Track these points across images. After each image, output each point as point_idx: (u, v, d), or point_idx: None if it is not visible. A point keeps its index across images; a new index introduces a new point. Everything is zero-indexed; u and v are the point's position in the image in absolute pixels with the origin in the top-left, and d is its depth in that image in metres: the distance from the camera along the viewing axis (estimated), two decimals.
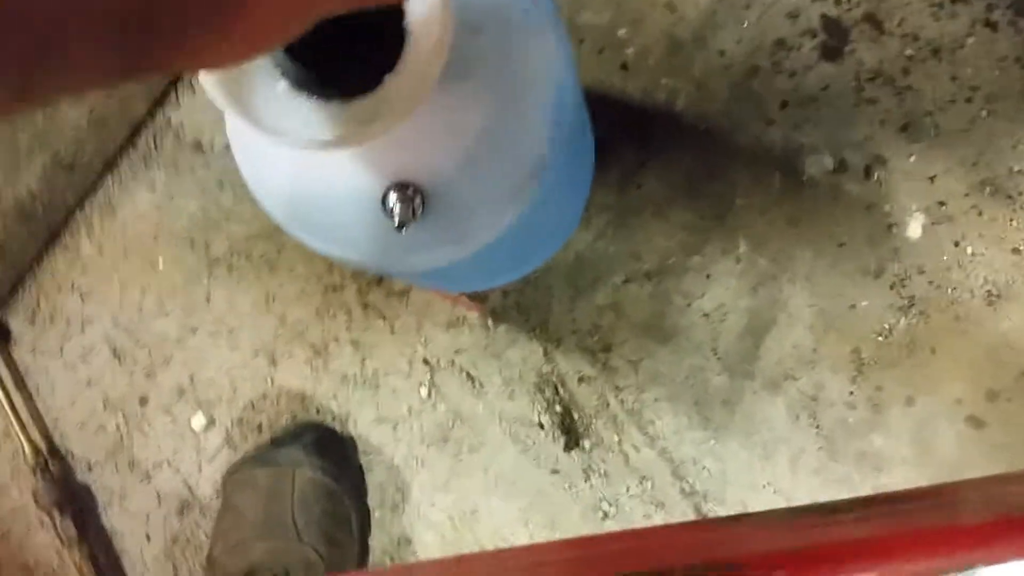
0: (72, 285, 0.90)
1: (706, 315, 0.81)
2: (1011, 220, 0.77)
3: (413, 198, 0.46)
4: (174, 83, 0.90)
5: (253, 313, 0.88)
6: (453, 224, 0.49)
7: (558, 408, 0.83)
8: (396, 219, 0.45)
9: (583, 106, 0.65)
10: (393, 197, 0.46)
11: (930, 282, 0.77)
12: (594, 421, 0.83)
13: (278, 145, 0.38)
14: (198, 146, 0.89)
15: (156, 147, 0.89)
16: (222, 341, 0.88)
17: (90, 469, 0.88)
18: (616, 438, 0.82)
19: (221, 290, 0.88)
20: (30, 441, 0.87)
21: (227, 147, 0.88)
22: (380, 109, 0.38)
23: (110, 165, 0.90)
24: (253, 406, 0.87)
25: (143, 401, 0.88)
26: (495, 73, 0.47)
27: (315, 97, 0.38)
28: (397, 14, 0.37)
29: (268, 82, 0.38)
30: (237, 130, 0.52)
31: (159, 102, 0.90)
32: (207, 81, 0.37)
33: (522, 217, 0.52)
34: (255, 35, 0.26)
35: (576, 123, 0.59)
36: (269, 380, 0.87)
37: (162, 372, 0.88)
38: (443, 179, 0.48)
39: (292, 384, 0.87)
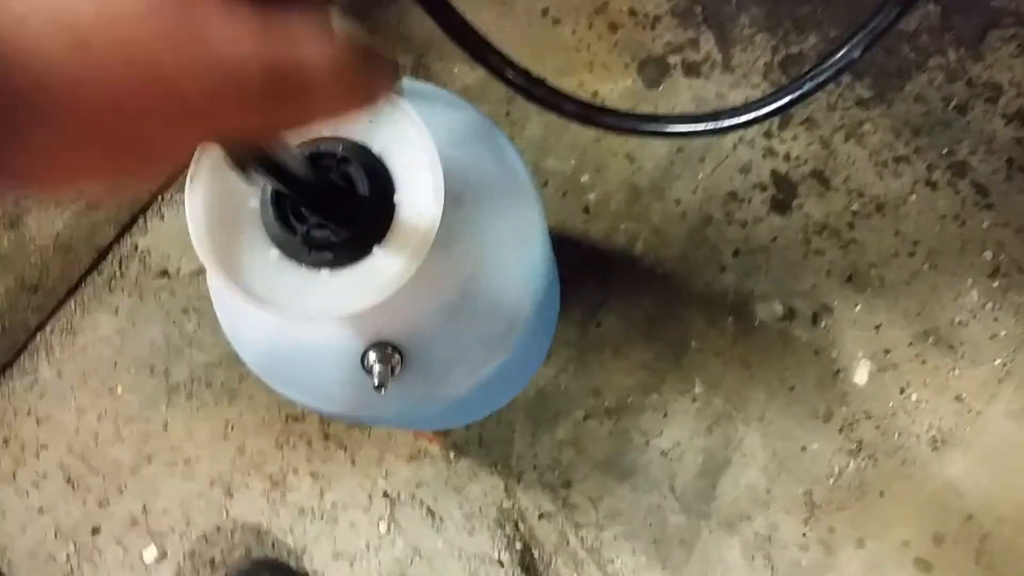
0: (29, 409, 0.92)
1: (664, 453, 0.86)
2: (953, 369, 0.83)
3: (391, 357, 0.48)
4: (143, 209, 0.94)
5: (211, 442, 0.90)
6: (431, 379, 0.52)
7: (518, 545, 0.86)
8: (375, 379, 0.47)
9: (553, 262, 0.71)
10: (373, 356, 0.48)
11: (877, 427, 0.83)
12: (554, 559, 0.86)
13: (269, 314, 0.39)
14: (164, 272, 0.93)
15: (121, 272, 0.93)
16: (178, 470, 0.91)
17: None
18: None
19: (179, 418, 0.91)
20: None
21: (193, 274, 0.93)
22: (368, 281, 0.39)
23: (74, 289, 0.94)
24: (207, 539, 0.89)
25: (95, 531, 0.90)
26: (476, 242, 0.50)
27: (305, 266, 0.40)
28: (387, 184, 0.39)
29: (258, 249, 0.40)
30: (220, 286, 0.53)
31: (127, 228, 0.94)
32: (199, 245, 0.38)
33: (497, 368, 0.55)
34: (102, 155, 0.19)
35: (548, 281, 0.64)
36: (224, 512, 0.89)
37: (115, 501, 0.90)
38: (422, 338, 0.50)
39: (248, 516, 0.89)
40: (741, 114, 0.47)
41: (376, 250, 0.39)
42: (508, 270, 0.52)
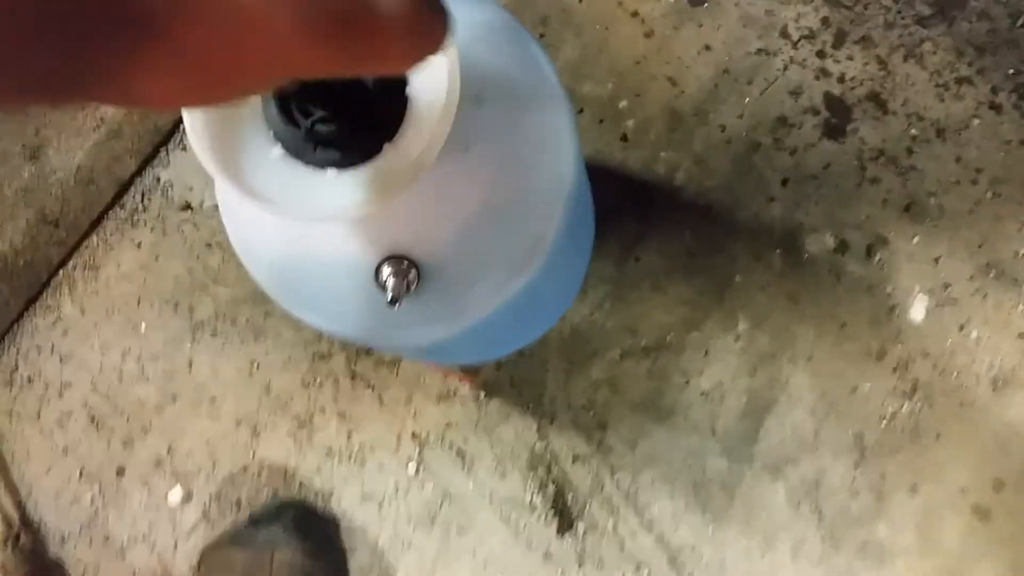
0: (52, 347, 0.96)
1: (704, 394, 0.87)
2: (1017, 305, 0.82)
3: (407, 272, 0.47)
4: (164, 140, 0.97)
5: (236, 381, 0.93)
6: (449, 299, 0.51)
7: (551, 488, 0.88)
8: (389, 293, 0.46)
9: (585, 178, 0.71)
10: (387, 270, 0.47)
11: (934, 366, 0.83)
12: (589, 503, 0.87)
13: (270, 214, 0.39)
14: (187, 206, 0.96)
15: (144, 206, 0.96)
16: (203, 410, 0.94)
17: (63, 542, 0.92)
18: (611, 522, 0.87)
19: (204, 356, 0.94)
20: (2, 511, 0.92)
21: (216, 207, 0.95)
22: (378, 181, 0.38)
23: (96, 223, 0.97)
24: (233, 480, 0.92)
25: (120, 472, 0.93)
26: (497, 146, 0.49)
27: (310, 165, 0.39)
28: (399, 80, 0.38)
29: (261, 147, 0.39)
30: (226, 194, 0.53)
31: (148, 160, 0.96)
32: (197, 144, 0.37)
33: (521, 292, 0.54)
34: (205, 75, 0.24)
35: (579, 196, 0.63)
36: (250, 452, 0.92)
37: (140, 441, 0.94)
38: (439, 253, 0.49)
39: (274, 457, 0.92)
40: None
41: (386, 147, 0.38)
42: (534, 179, 0.51)
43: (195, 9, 0.22)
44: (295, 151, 0.39)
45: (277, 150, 0.39)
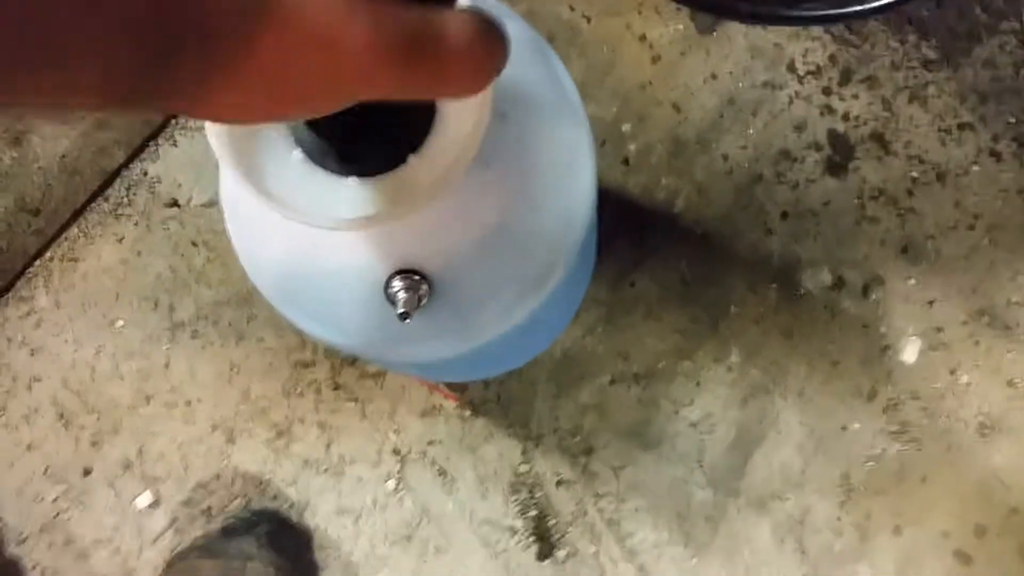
0: (23, 339, 0.94)
1: (693, 424, 0.88)
2: (1008, 352, 0.85)
3: (419, 287, 0.47)
4: (155, 134, 0.97)
5: (214, 384, 0.93)
6: (459, 318, 0.51)
7: (533, 511, 0.89)
8: (400, 308, 0.45)
9: (596, 201, 0.72)
10: (398, 284, 0.46)
11: (923, 409, 0.85)
12: (570, 528, 0.88)
13: (286, 219, 0.38)
14: (174, 202, 0.95)
15: (129, 200, 0.95)
16: (177, 413, 0.93)
17: (22, 542, 0.91)
18: (593, 549, 0.87)
19: (182, 357, 0.93)
20: None
21: (204, 205, 0.95)
22: (399, 192, 0.38)
23: (77, 215, 0.96)
24: (205, 487, 0.91)
25: (86, 472, 0.92)
26: (519, 163, 0.49)
27: (330, 171, 0.38)
28: None
29: (281, 149, 0.38)
30: (233, 194, 0.53)
31: (137, 153, 0.96)
32: (214, 138, 0.37)
33: (533, 312, 0.54)
34: (279, 93, 0.25)
35: (593, 217, 0.63)
36: (224, 459, 0.92)
37: (110, 442, 0.93)
38: (453, 269, 0.48)
39: (249, 465, 0.91)
40: None
41: (411, 159, 0.38)
42: (553, 200, 0.51)
43: (280, 26, 0.23)
44: (316, 156, 0.38)
45: (298, 154, 0.38)
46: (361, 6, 0.24)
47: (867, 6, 0.49)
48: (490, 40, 0.29)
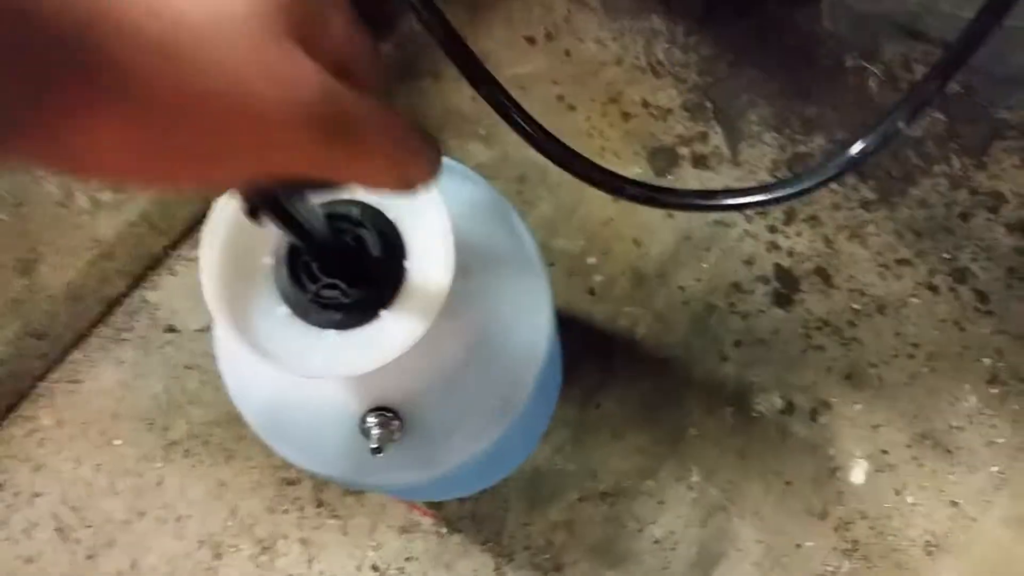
0: (26, 456, 1.03)
1: (657, 542, 0.95)
2: (950, 473, 0.93)
3: (391, 422, 0.53)
4: (155, 264, 1.07)
5: (204, 501, 1.01)
6: (429, 448, 0.58)
7: None
8: (374, 443, 0.51)
9: (557, 335, 0.81)
10: (372, 420, 0.53)
11: (872, 528, 0.92)
12: None
13: (274, 369, 0.44)
14: (171, 328, 1.05)
15: (129, 326, 1.05)
16: (168, 528, 1.01)
17: None
18: None
19: (174, 475, 1.02)
20: None
21: (199, 330, 1.05)
22: (373, 344, 0.44)
23: (80, 339, 1.06)
24: None
25: None
26: (481, 312, 0.56)
27: (312, 325, 0.44)
28: (398, 250, 0.45)
29: (268, 304, 0.45)
30: (224, 339, 0.60)
31: (138, 282, 1.06)
32: (210, 297, 0.44)
33: (496, 441, 0.61)
34: (171, 147, 0.22)
35: (552, 354, 0.70)
36: (211, 574, 0.99)
37: (104, 555, 1.00)
38: (423, 405, 0.55)
39: None
40: (795, 184, 0.55)
41: (384, 314, 0.44)
42: (513, 343, 0.59)
43: (179, 64, 0.21)
44: (300, 312, 0.45)
45: (283, 309, 0.45)
46: (282, 56, 0.23)
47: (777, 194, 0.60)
48: (415, 135, 0.29)
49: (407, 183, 0.30)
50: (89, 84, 0.19)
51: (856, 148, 0.51)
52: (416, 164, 0.29)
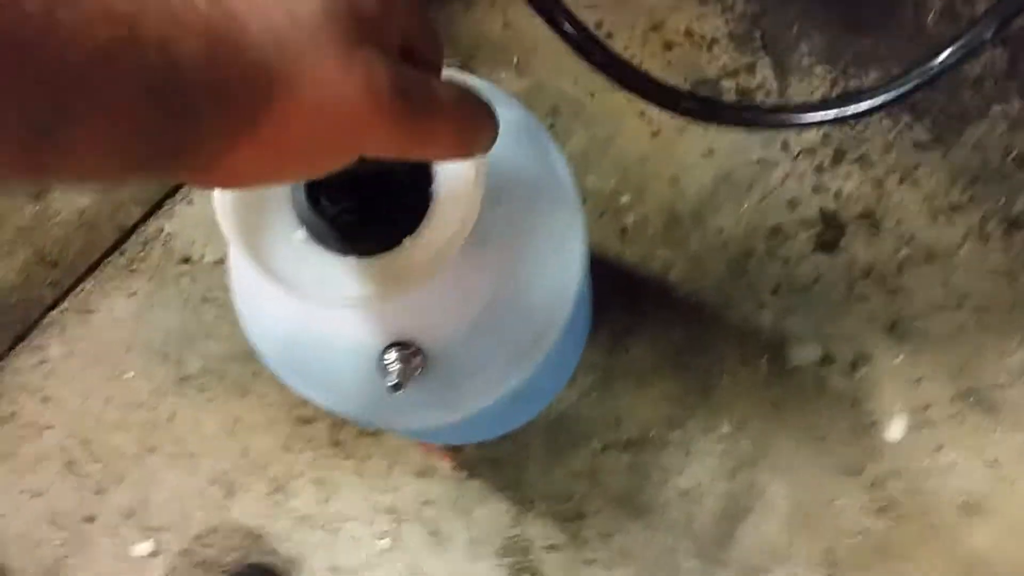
0: (35, 387, 1.01)
1: (683, 493, 0.93)
2: (993, 432, 0.89)
3: (412, 358, 0.51)
4: (171, 193, 1.04)
5: (217, 438, 0.99)
6: (451, 388, 0.56)
7: None
8: (393, 379, 0.50)
9: (588, 272, 0.77)
10: (392, 355, 0.50)
11: (908, 487, 0.89)
12: None
13: (288, 295, 0.43)
14: (187, 259, 1.02)
15: (143, 256, 1.02)
16: (180, 464, 0.99)
17: None
18: None
19: (187, 410, 1.00)
20: None
21: (216, 263, 1.02)
22: (395, 272, 0.42)
23: (93, 268, 1.03)
24: (202, 538, 0.97)
25: (89, 519, 0.98)
26: (511, 244, 0.54)
27: (331, 251, 0.43)
28: (425, 175, 0.43)
29: (285, 229, 0.43)
30: (239, 266, 0.58)
31: (154, 210, 1.03)
32: (224, 220, 0.42)
33: (522, 383, 0.59)
34: (287, 153, 0.27)
35: (583, 293, 0.68)
36: (223, 512, 0.97)
37: (113, 490, 0.99)
38: (446, 342, 0.53)
39: (247, 519, 0.97)
40: (868, 98, 0.51)
41: (407, 241, 0.42)
42: (543, 278, 0.56)
43: (287, 89, 0.25)
44: (318, 236, 0.43)
45: (301, 233, 0.43)
46: (357, 60, 0.27)
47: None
48: (477, 106, 0.33)
49: (470, 151, 0.33)
50: (222, 113, 0.24)
51: (939, 59, 0.46)
52: (480, 133, 0.33)
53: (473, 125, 0.32)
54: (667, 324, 0.94)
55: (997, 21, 0.45)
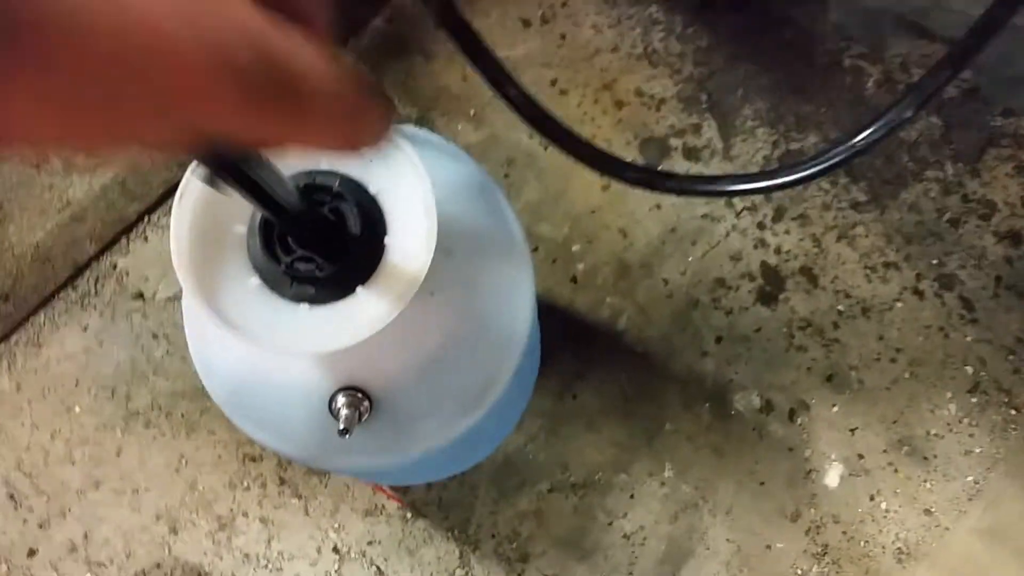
0: None
1: (627, 536, 0.95)
2: (925, 481, 0.93)
3: (360, 403, 0.51)
4: (127, 229, 1.06)
5: (163, 474, 0.99)
6: (400, 432, 0.57)
7: None
8: (341, 424, 0.50)
9: (537, 320, 0.80)
10: (341, 400, 0.51)
11: (844, 532, 0.92)
12: None
13: (241, 342, 0.43)
14: (139, 295, 1.03)
15: (96, 290, 1.04)
16: (125, 500, 0.99)
17: None
18: None
19: (134, 446, 1.00)
20: None
21: (169, 299, 1.03)
22: (348, 320, 0.43)
23: (45, 302, 1.04)
24: (145, 575, 0.97)
25: (31, 553, 0.97)
26: (461, 293, 0.54)
27: (285, 298, 0.43)
28: (379, 226, 0.44)
29: (239, 275, 0.44)
30: (193, 311, 0.59)
31: (108, 247, 1.05)
32: (179, 264, 0.42)
33: (469, 428, 0.60)
34: (81, 100, 0.19)
35: (532, 341, 0.70)
36: (166, 549, 0.97)
37: (57, 524, 0.98)
38: (395, 388, 0.54)
39: (190, 556, 0.97)
40: (796, 171, 0.55)
41: (360, 290, 0.43)
42: (492, 327, 0.58)
43: (81, 17, 0.18)
44: (272, 283, 0.44)
45: (255, 280, 0.44)
46: (205, 8, 0.20)
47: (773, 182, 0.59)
48: (363, 84, 0.25)
49: (351, 144, 0.26)
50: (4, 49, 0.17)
51: (861, 136, 0.50)
52: (363, 123, 0.26)
53: (354, 111, 0.25)
54: (614, 371, 0.97)
55: (917, 101, 0.49)
